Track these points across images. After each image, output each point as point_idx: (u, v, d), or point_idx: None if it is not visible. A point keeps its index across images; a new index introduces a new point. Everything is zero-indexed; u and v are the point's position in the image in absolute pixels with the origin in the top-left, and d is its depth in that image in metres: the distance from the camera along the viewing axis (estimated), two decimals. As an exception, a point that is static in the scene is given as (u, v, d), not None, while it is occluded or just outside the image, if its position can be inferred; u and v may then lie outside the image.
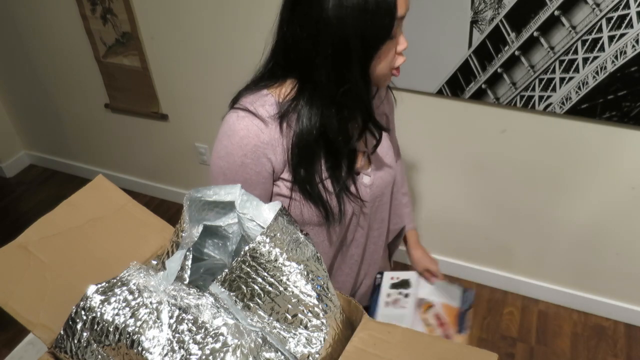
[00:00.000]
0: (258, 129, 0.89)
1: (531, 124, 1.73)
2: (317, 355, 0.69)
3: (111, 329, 0.64)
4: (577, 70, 1.55)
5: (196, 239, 0.76)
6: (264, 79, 0.94)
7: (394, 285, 1.25)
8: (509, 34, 1.56)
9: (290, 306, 0.68)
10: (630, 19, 1.41)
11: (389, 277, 1.25)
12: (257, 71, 0.95)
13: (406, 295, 1.24)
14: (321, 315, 0.69)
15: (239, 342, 0.62)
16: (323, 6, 0.79)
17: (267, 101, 0.91)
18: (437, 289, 1.27)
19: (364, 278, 1.19)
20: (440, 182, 2.01)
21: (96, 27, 2.19)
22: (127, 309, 0.65)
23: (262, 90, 0.93)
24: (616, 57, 1.48)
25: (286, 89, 0.91)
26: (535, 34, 1.53)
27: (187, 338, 0.63)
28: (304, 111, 0.89)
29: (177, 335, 0.63)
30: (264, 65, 0.94)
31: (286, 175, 0.94)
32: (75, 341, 0.67)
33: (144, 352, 0.63)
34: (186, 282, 0.72)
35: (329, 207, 0.95)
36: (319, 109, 0.88)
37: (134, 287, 0.67)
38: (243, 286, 0.69)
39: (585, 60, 1.52)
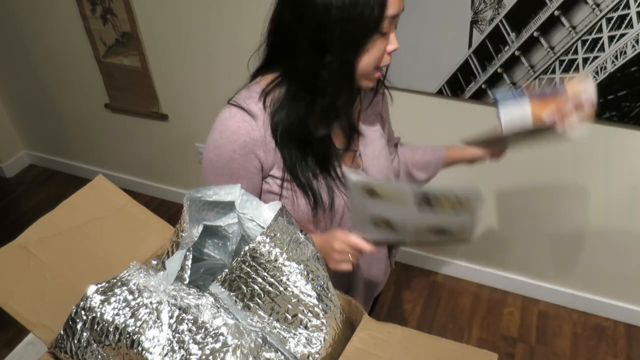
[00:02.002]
0: (249, 127, 0.91)
1: (531, 124, 1.73)
2: (317, 355, 0.69)
3: (111, 329, 0.64)
4: (577, 70, 1.55)
5: (196, 239, 0.76)
6: (260, 71, 0.97)
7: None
8: (509, 34, 1.56)
9: (290, 306, 0.68)
10: (630, 19, 1.41)
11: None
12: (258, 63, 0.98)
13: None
14: (321, 315, 0.69)
15: (239, 342, 0.62)
16: None
17: (258, 97, 0.93)
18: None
19: (363, 280, 1.19)
20: (440, 182, 2.01)
21: (96, 27, 2.19)
22: (127, 309, 0.65)
23: (255, 86, 0.95)
24: (616, 57, 1.48)
25: (272, 80, 0.93)
26: (535, 34, 1.53)
27: (187, 338, 0.63)
28: (280, 96, 0.91)
29: (177, 335, 0.63)
30: (262, 56, 0.96)
31: (276, 172, 0.95)
32: (75, 341, 0.67)
33: (144, 352, 0.63)
34: (186, 282, 0.72)
35: (318, 194, 0.96)
36: (293, 95, 0.90)
37: (134, 287, 0.67)
38: (243, 286, 0.69)
39: (585, 60, 1.52)
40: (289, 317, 0.69)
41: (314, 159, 0.96)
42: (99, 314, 0.65)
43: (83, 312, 0.66)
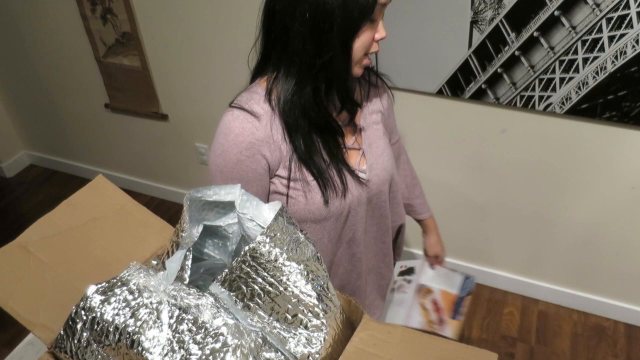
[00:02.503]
0: (253, 127, 0.91)
1: (531, 124, 1.73)
2: (317, 355, 0.69)
3: (111, 329, 0.64)
4: (577, 70, 1.55)
5: (196, 239, 0.76)
6: (258, 73, 0.97)
7: (401, 273, 1.33)
8: (509, 34, 1.55)
9: (290, 306, 0.68)
10: (630, 19, 1.41)
11: (399, 265, 1.33)
12: (255, 64, 0.98)
13: (409, 282, 1.32)
14: (321, 315, 0.69)
15: (239, 342, 0.62)
16: None
17: (261, 98, 0.93)
18: (439, 276, 1.34)
19: (370, 278, 1.19)
20: (440, 182, 2.01)
21: (96, 27, 2.19)
22: (127, 309, 0.65)
23: (256, 87, 0.95)
24: (616, 57, 1.48)
25: (272, 77, 0.93)
26: (535, 34, 1.53)
27: (187, 338, 0.63)
28: (284, 85, 0.91)
29: (177, 335, 0.63)
30: (258, 52, 0.96)
31: (282, 172, 0.95)
32: (75, 341, 0.67)
33: (144, 352, 0.63)
34: (186, 282, 0.72)
35: (329, 180, 0.96)
36: (295, 81, 0.90)
37: (134, 287, 0.67)
38: (243, 286, 0.69)
39: (585, 60, 1.52)
40: (289, 317, 0.69)
41: (324, 146, 0.96)
42: (99, 314, 0.65)
43: (83, 312, 0.66)
